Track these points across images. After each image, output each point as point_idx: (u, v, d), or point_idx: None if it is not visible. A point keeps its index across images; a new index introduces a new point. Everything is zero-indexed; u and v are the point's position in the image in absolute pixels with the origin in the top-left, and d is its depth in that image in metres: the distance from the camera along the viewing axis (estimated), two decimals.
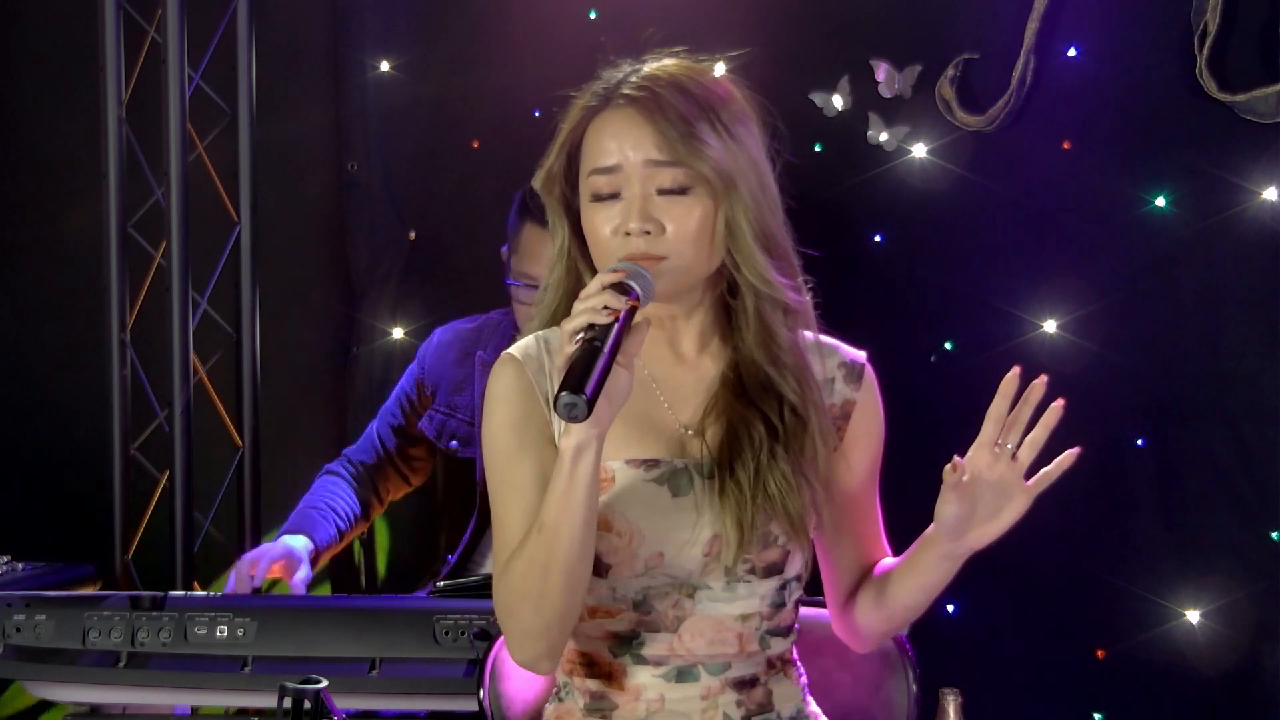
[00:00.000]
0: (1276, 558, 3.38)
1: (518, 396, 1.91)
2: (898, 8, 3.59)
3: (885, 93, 3.59)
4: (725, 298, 1.95)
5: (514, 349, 1.94)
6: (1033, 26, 3.44)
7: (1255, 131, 3.33)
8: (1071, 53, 3.47)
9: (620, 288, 1.77)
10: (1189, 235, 3.42)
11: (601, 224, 1.88)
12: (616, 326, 1.73)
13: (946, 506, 1.85)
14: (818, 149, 3.64)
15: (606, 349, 1.71)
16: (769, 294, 1.90)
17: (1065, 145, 3.49)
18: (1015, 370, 1.84)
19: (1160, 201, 3.43)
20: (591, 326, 1.73)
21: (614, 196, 1.88)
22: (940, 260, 3.59)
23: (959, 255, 3.57)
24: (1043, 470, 1.85)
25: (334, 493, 3.19)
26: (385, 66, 3.95)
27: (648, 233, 1.85)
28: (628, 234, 1.86)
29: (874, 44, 3.59)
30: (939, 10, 3.56)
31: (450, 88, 3.87)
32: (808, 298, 1.96)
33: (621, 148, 1.87)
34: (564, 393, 1.68)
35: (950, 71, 3.53)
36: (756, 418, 1.91)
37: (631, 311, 1.76)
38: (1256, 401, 3.38)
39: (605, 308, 1.74)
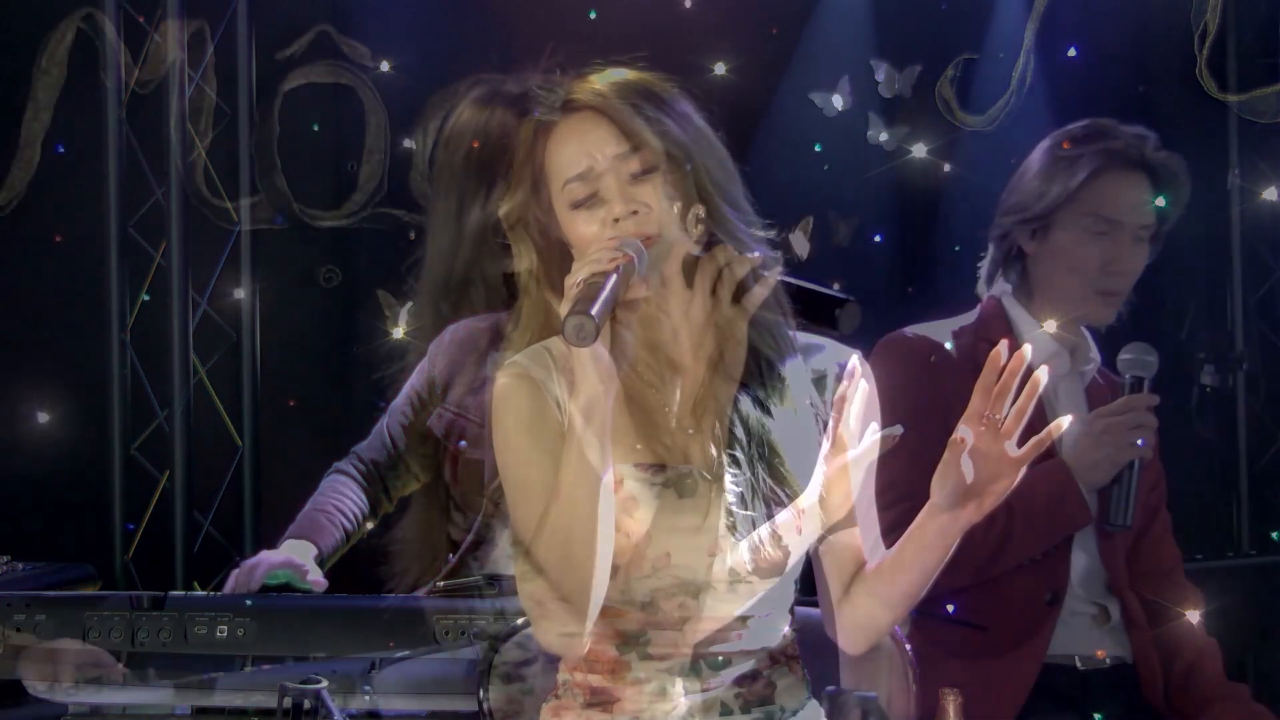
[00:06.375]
0: (1276, 557, 3.38)
1: (528, 401, 1.95)
2: (898, 8, 3.59)
3: (885, 93, 3.59)
4: (714, 285, 1.99)
5: (518, 357, 1.99)
6: (1033, 26, 3.45)
7: (1255, 131, 3.33)
8: (1071, 53, 3.47)
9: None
10: (1189, 235, 3.41)
11: (586, 224, 1.94)
12: (619, 270, 1.79)
13: (945, 480, 1.87)
14: (818, 149, 3.64)
15: (609, 283, 1.77)
16: (744, 248, 1.96)
17: (1065, 145, 3.49)
18: (1003, 342, 1.86)
19: (1160, 201, 3.43)
20: (593, 275, 1.79)
21: (592, 198, 1.94)
22: (940, 260, 3.59)
23: (959, 255, 3.57)
24: (1032, 439, 1.86)
25: (342, 493, 3.16)
26: (385, 66, 3.95)
27: (635, 213, 1.92)
28: (616, 221, 1.92)
29: (874, 44, 3.59)
30: (939, 10, 3.56)
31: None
32: (778, 254, 2.01)
33: (588, 150, 1.94)
34: (571, 316, 1.72)
35: (950, 71, 3.53)
36: (740, 391, 1.98)
37: (630, 267, 1.82)
38: (1256, 401, 3.38)
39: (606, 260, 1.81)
